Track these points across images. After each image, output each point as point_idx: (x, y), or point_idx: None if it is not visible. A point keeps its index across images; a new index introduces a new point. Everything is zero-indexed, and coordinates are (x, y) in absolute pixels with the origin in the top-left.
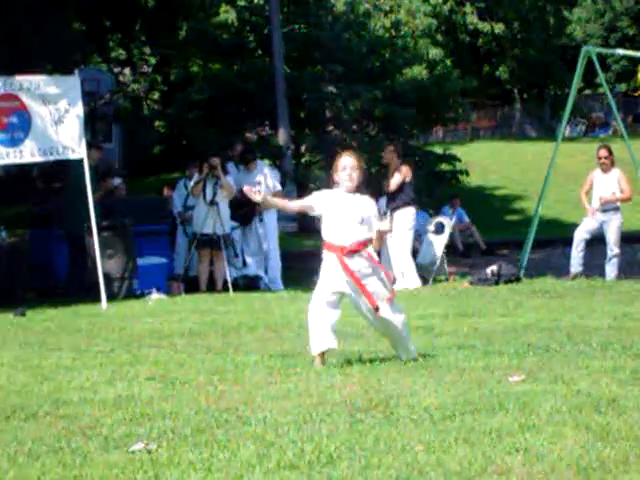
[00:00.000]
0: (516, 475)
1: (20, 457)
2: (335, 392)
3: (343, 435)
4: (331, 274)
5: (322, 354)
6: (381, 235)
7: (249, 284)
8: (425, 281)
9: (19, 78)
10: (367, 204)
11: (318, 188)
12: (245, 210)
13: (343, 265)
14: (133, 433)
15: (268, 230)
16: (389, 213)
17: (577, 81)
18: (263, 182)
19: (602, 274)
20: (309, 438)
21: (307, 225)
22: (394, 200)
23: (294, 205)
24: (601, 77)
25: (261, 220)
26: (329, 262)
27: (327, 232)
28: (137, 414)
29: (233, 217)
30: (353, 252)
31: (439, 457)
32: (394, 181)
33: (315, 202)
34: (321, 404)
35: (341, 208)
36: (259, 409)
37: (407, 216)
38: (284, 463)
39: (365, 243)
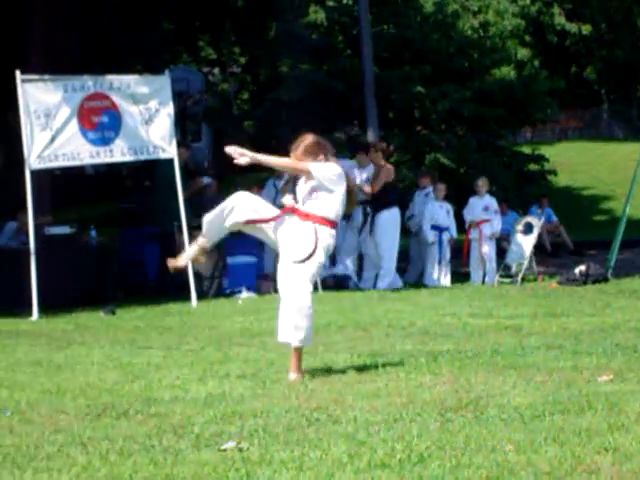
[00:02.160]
0: (605, 474)
1: (112, 455)
2: (425, 391)
3: (434, 434)
4: None
5: None
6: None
7: (338, 284)
8: (513, 280)
9: (110, 78)
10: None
11: (406, 187)
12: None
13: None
14: (224, 431)
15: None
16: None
17: None
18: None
19: None
20: (400, 437)
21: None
22: (377, 201)
23: (287, 162)
24: None
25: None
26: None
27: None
28: (228, 412)
29: None
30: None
31: (529, 457)
32: (378, 183)
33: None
34: (411, 403)
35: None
36: (349, 408)
37: (392, 216)
38: (375, 462)
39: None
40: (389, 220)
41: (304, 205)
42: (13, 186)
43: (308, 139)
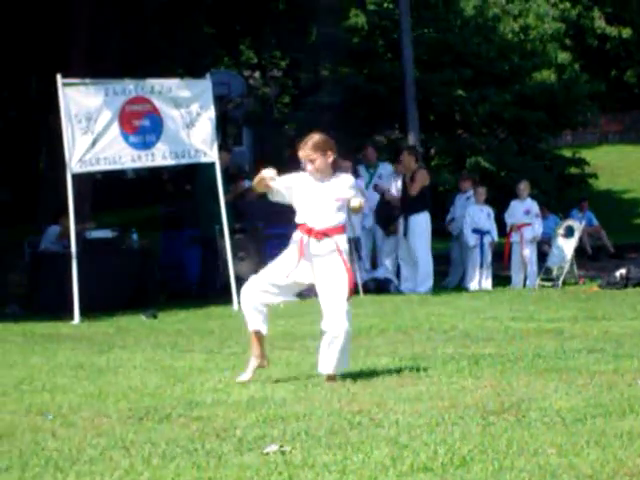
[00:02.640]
0: None
1: (154, 459)
2: (467, 395)
3: (476, 438)
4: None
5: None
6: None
7: (379, 287)
8: (554, 284)
9: (151, 81)
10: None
11: (447, 190)
12: (385, 212)
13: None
14: (267, 435)
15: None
16: (401, 218)
17: None
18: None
19: None
20: (442, 441)
21: (438, 228)
22: (411, 205)
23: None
24: None
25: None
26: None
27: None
28: (271, 416)
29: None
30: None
31: (571, 460)
32: (415, 186)
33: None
34: (453, 407)
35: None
36: (391, 411)
37: (424, 220)
38: (417, 465)
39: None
40: (422, 224)
41: (318, 220)
42: (55, 190)
43: (317, 136)
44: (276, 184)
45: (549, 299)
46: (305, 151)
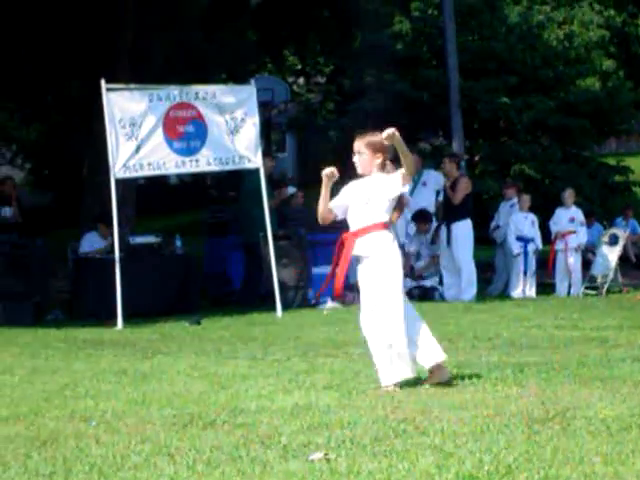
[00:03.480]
0: None
1: (199, 465)
2: (511, 403)
3: (521, 446)
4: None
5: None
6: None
7: (423, 294)
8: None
9: (195, 87)
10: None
11: (491, 198)
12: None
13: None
14: (311, 442)
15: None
16: (444, 226)
17: None
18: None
19: None
20: (487, 449)
21: (482, 235)
22: (454, 212)
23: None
24: None
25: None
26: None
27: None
28: (315, 423)
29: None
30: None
31: (616, 469)
32: (458, 195)
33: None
34: (498, 415)
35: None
36: (436, 419)
37: (466, 228)
38: (463, 474)
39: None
40: (465, 231)
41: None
42: (98, 195)
43: (379, 136)
44: (334, 202)
45: (593, 307)
46: (359, 143)
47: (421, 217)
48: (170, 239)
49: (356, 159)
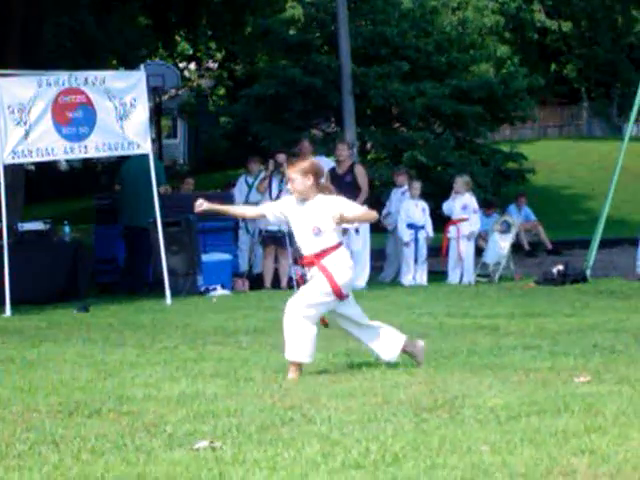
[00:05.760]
0: (582, 476)
1: (84, 454)
2: (400, 391)
3: (408, 435)
4: None
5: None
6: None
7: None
8: (491, 280)
9: (84, 73)
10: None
11: (383, 185)
12: None
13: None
14: (197, 430)
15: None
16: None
17: None
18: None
19: None
20: (374, 437)
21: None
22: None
23: (249, 211)
24: None
25: None
26: None
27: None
28: (201, 411)
29: None
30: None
31: (504, 458)
32: (365, 183)
33: (269, 211)
34: (386, 403)
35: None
36: (324, 407)
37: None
38: (349, 462)
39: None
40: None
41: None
42: None
43: (306, 161)
44: (269, 211)
45: (485, 295)
46: (289, 170)
47: None
48: (59, 226)
49: (289, 186)
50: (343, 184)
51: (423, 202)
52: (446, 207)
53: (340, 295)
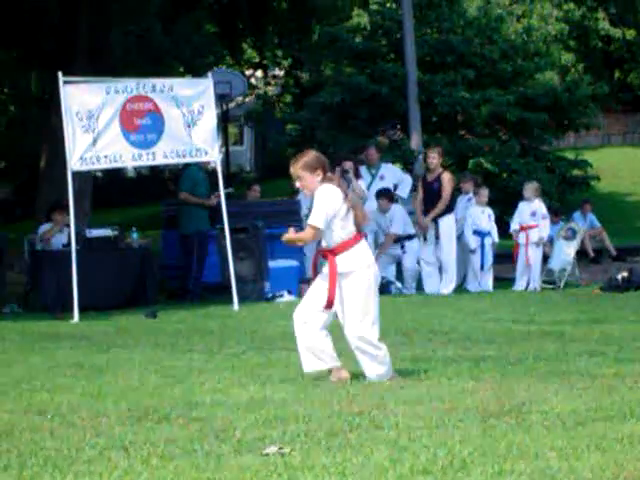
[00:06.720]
0: None
1: (153, 459)
2: (467, 397)
3: (476, 440)
4: None
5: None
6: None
7: (380, 289)
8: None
9: (152, 80)
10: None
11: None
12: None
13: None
14: (266, 436)
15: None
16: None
17: None
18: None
19: None
20: (442, 443)
21: None
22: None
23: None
24: None
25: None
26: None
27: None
28: (270, 417)
29: None
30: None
31: (571, 464)
32: (448, 190)
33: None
34: (453, 409)
35: None
36: (391, 413)
37: (452, 222)
38: (417, 468)
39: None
40: (451, 226)
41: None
42: (55, 188)
43: (308, 154)
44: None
45: (550, 301)
46: (294, 168)
47: (386, 194)
48: (126, 232)
49: (298, 184)
50: (431, 191)
51: (489, 209)
52: (515, 215)
53: (329, 306)
